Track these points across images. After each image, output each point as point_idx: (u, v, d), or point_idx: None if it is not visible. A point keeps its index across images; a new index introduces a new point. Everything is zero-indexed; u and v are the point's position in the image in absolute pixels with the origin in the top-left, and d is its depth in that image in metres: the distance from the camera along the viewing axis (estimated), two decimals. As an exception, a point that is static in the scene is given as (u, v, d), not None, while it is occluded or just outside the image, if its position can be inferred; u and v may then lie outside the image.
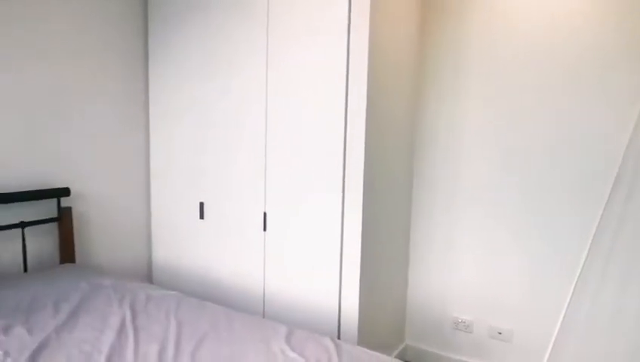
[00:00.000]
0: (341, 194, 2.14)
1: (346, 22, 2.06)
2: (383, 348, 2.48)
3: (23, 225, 2.22)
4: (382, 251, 2.37)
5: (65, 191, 2.39)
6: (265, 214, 2.38)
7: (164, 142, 2.78)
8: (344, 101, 2.09)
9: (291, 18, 2.22)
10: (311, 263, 2.25)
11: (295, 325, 2.30)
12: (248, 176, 2.42)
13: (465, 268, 2.61)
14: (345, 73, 2.08)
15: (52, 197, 2.35)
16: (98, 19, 2.56)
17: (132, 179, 2.82)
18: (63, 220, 2.40)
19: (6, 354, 1.45)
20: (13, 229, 2.22)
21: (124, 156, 2.76)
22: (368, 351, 1.54)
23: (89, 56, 2.52)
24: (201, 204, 2.62)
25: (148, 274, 2.95)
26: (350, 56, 2.07)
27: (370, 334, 2.29)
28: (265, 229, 2.39)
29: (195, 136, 2.62)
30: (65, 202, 2.45)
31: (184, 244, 2.74)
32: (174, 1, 2.63)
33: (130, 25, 2.74)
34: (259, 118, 2.36)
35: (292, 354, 1.48)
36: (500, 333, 2.53)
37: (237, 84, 2.42)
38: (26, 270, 2.28)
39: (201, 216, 2.63)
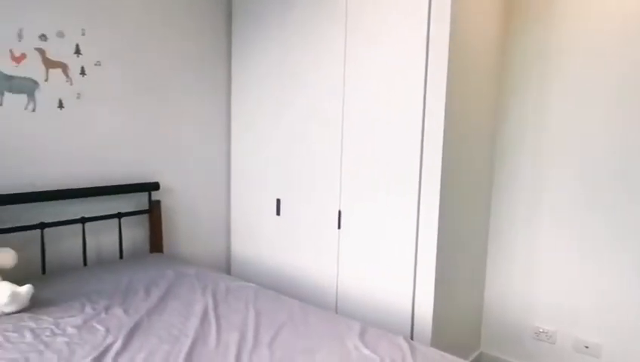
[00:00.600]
0: (417, 196, 2.11)
1: (426, 21, 2.04)
2: (457, 352, 2.42)
3: (119, 215, 2.43)
4: (458, 255, 2.31)
5: (155, 186, 2.58)
6: (340, 212, 2.41)
7: (244, 140, 2.91)
8: (422, 101, 2.07)
9: (370, 14, 2.23)
10: (384, 262, 2.25)
11: (368, 323, 2.31)
12: (324, 174, 2.47)
13: (548, 276, 2.48)
14: (423, 73, 2.06)
15: (144, 191, 2.54)
16: (184, 18, 2.73)
17: (214, 176, 2.98)
18: (153, 212, 2.59)
19: (107, 330, 1.60)
20: (111, 219, 2.43)
21: (208, 154, 2.92)
22: (443, 353, 1.52)
23: (176, 56, 2.70)
24: (278, 201, 2.71)
25: (226, 266, 3.10)
26: (429, 55, 2.04)
27: (444, 337, 2.25)
28: (339, 227, 2.42)
29: (273, 133, 2.71)
30: (155, 196, 2.64)
31: (261, 239, 2.85)
32: (254, 15, 2.75)
33: (215, 23, 2.89)
34: (335, 115, 2.39)
35: (365, 351, 1.49)
36: (586, 347, 2.37)
37: (315, 80, 2.47)
38: (121, 257, 2.49)
39: (278, 213, 2.72)
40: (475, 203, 2.45)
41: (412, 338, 2.18)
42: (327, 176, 2.46)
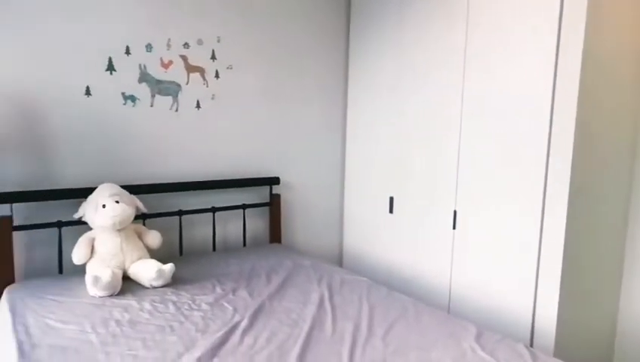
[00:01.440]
0: (542, 201, 1.99)
1: (557, 20, 1.90)
2: (582, 369, 2.23)
3: (244, 207, 2.65)
4: (587, 263, 2.13)
5: (275, 180, 2.76)
6: (455, 212, 2.36)
7: (359, 138, 2.98)
8: (550, 103, 1.94)
9: (492, 16, 2.15)
10: (503, 267, 2.16)
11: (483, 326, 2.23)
12: (439, 173, 2.43)
13: (699, 295, 2.17)
14: (552, 79, 1.92)
15: (265, 184, 2.73)
16: (306, 21, 2.87)
17: (330, 172, 3.09)
18: (273, 205, 2.77)
19: (235, 309, 1.76)
20: (237, 210, 2.66)
21: (325, 151, 3.04)
22: (569, 366, 1.42)
23: (298, 59, 2.85)
24: (391, 199, 2.73)
25: (338, 259, 3.20)
26: (559, 62, 1.90)
27: (568, 349, 2.09)
28: (454, 227, 2.37)
29: (389, 131, 2.74)
30: (275, 190, 2.82)
31: (373, 235, 2.89)
32: (375, 1, 2.79)
33: (334, 24, 2.99)
34: (453, 116, 2.35)
35: (482, 354, 1.46)
36: None
37: (432, 79, 2.45)
38: (244, 245, 2.71)
39: (391, 211, 2.74)
40: (609, 211, 2.23)
41: (531, 345, 2.06)
42: (443, 175, 2.42)
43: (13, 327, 1.57)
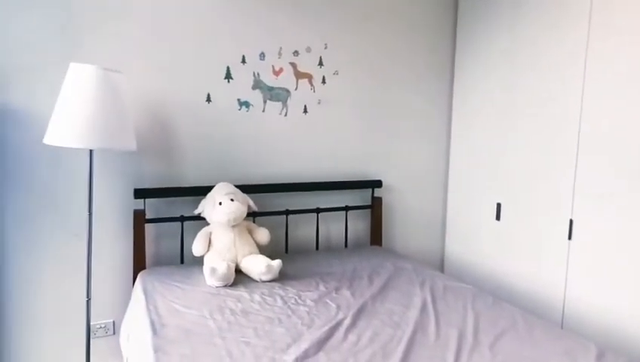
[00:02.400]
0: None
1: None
2: None
3: (346, 208, 2.71)
4: None
5: (378, 183, 2.78)
6: (571, 221, 2.19)
7: (464, 142, 2.89)
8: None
9: (619, 14, 1.97)
10: (628, 284, 1.96)
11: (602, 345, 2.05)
12: (553, 179, 2.28)
13: None
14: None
15: (368, 187, 2.77)
16: (410, 23, 2.86)
17: (432, 176, 3.04)
18: (375, 208, 2.80)
19: (338, 307, 1.82)
20: (339, 211, 2.72)
21: (427, 154, 3.00)
22: None
23: (400, 61, 2.84)
24: (498, 205, 2.62)
25: (440, 264, 3.13)
26: None
27: None
28: (570, 238, 2.20)
29: (496, 136, 2.63)
30: (377, 193, 2.85)
31: (477, 242, 2.79)
32: (484, 2, 2.69)
33: (440, 23, 2.94)
34: (571, 116, 2.19)
35: (603, 376, 1.35)
36: None
37: (548, 80, 2.31)
38: (346, 246, 2.77)
39: (497, 218, 2.62)
40: None
41: (662, 376, 1.85)
42: (557, 182, 2.26)
43: (146, 306, 1.77)
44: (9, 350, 2.14)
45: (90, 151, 1.97)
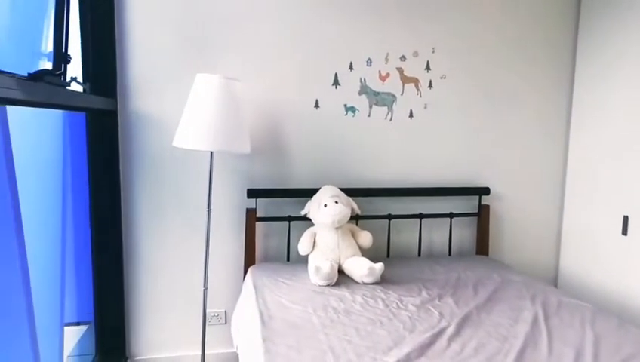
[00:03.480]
0: None
1: None
2: None
3: (451, 215, 2.64)
4: None
5: (485, 191, 2.67)
6: None
7: (584, 147, 2.66)
8: None
9: None
10: None
11: None
12: (696, 191, 2.01)
13: None
14: None
15: (474, 194, 2.68)
16: (524, 23, 2.70)
17: (546, 185, 2.84)
18: (482, 216, 2.69)
19: (441, 315, 1.79)
20: (443, 218, 2.66)
21: (541, 161, 2.81)
22: None
23: (511, 63, 2.70)
24: (625, 218, 2.37)
25: (553, 279, 2.90)
26: None
27: None
28: None
29: (623, 141, 2.38)
30: (484, 200, 2.73)
31: (598, 258, 2.55)
32: (610, 3, 2.47)
33: (558, 26, 2.75)
34: None
35: None
36: None
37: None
38: (449, 254, 2.69)
39: (624, 232, 2.37)
40: None
41: None
42: (702, 193, 1.99)
43: (255, 299, 1.90)
44: (138, 326, 2.42)
45: (211, 153, 2.16)
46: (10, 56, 1.53)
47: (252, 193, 2.37)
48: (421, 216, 2.60)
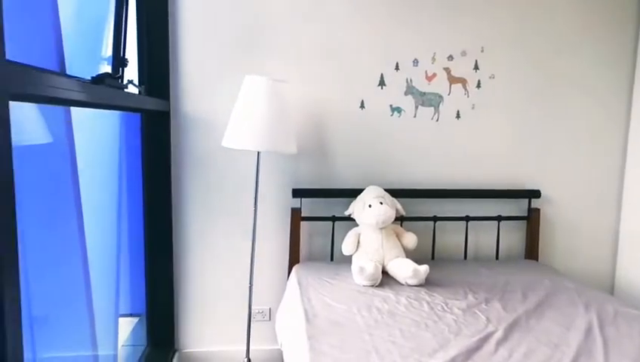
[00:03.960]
0: None
1: None
2: None
3: (499, 218, 2.57)
4: None
5: (536, 193, 2.59)
6: None
7: (645, 150, 2.53)
8: None
9: None
10: None
11: None
12: None
13: None
14: None
15: (524, 197, 2.60)
16: (578, 21, 2.60)
17: (601, 188, 2.72)
18: (532, 220, 2.60)
19: (488, 319, 1.75)
20: (491, 221, 2.60)
21: (596, 164, 2.69)
22: None
23: (569, 65, 2.60)
24: (690, 225, 2.23)
25: (609, 287, 2.77)
26: None
27: None
28: None
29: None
30: (535, 203, 2.64)
31: (659, 267, 2.41)
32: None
33: (618, 19, 2.62)
34: None
35: None
36: None
37: None
38: (497, 257, 2.63)
39: (688, 239, 2.23)
40: None
41: None
42: None
43: (300, 297, 1.93)
44: (186, 320, 2.51)
45: (258, 153, 2.21)
46: (76, 61, 1.63)
47: (297, 193, 2.40)
48: (467, 219, 2.55)
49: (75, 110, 1.67)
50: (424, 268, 2.08)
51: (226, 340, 2.53)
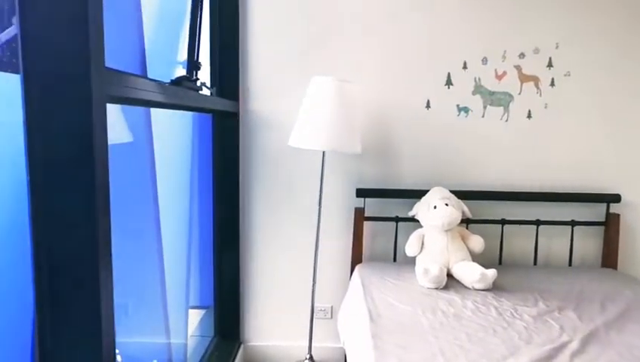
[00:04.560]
0: None
1: None
2: None
3: (573, 223, 2.45)
4: None
5: (615, 198, 2.43)
6: None
7: None
8: None
9: None
10: None
11: None
12: None
13: None
14: None
15: (601, 201, 2.45)
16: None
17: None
18: (610, 225, 2.45)
19: (561, 328, 1.67)
20: (564, 226, 2.47)
21: (685, 167, 2.49)
22: None
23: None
24: None
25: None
26: None
27: None
28: None
29: None
30: (613, 208, 2.48)
31: None
32: None
33: None
34: None
35: None
36: None
37: None
38: (570, 264, 2.49)
39: None
40: None
41: None
42: None
43: (364, 297, 1.94)
44: (251, 314, 2.60)
45: (323, 152, 2.24)
46: (156, 65, 1.74)
47: (361, 192, 2.41)
48: (538, 223, 2.44)
49: (153, 111, 1.78)
50: (492, 272, 2.02)
51: (289, 335, 2.58)
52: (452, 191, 2.29)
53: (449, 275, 2.15)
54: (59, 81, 0.87)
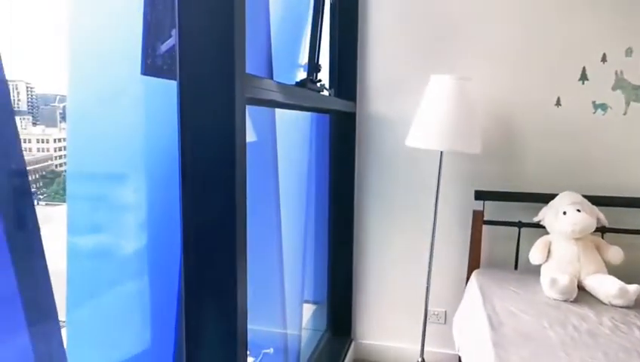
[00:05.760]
0: None
1: None
2: None
3: None
4: None
5: None
6: None
7: None
8: None
9: None
10: None
11: None
12: None
13: None
14: None
15: None
16: None
17: None
18: None
19: None
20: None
21: None
22: None
23: None
24: None
25: None
26: None
27: None
28: None
29: None
30: None
31: None
32: None
33: None
34: None
35: None
36: None
37: None
38: None
39: None
40: None
41: None
42: None
43: (483, 304, 1.85)
44: (363, 313, 2.62)
45: (441, 152, 2.19)
46: (282, 69, 1.84)
47: (480, 195, 2.31)
48: (691, 234, 2.13)
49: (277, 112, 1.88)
50: (634, 288, 1.81)
51: (401, 337, 2.56)
52: (585, 196, 2.09)
53: (579, 287, 1.96)
54: (207, 86, 0.96)
